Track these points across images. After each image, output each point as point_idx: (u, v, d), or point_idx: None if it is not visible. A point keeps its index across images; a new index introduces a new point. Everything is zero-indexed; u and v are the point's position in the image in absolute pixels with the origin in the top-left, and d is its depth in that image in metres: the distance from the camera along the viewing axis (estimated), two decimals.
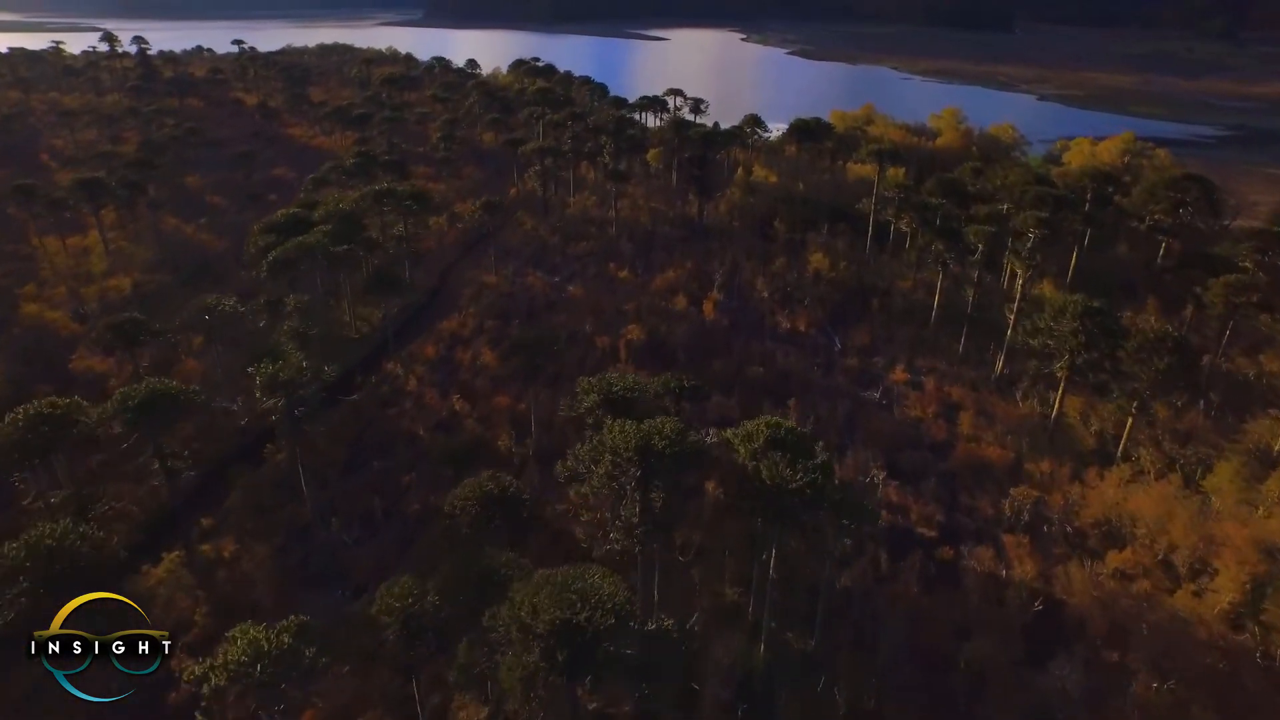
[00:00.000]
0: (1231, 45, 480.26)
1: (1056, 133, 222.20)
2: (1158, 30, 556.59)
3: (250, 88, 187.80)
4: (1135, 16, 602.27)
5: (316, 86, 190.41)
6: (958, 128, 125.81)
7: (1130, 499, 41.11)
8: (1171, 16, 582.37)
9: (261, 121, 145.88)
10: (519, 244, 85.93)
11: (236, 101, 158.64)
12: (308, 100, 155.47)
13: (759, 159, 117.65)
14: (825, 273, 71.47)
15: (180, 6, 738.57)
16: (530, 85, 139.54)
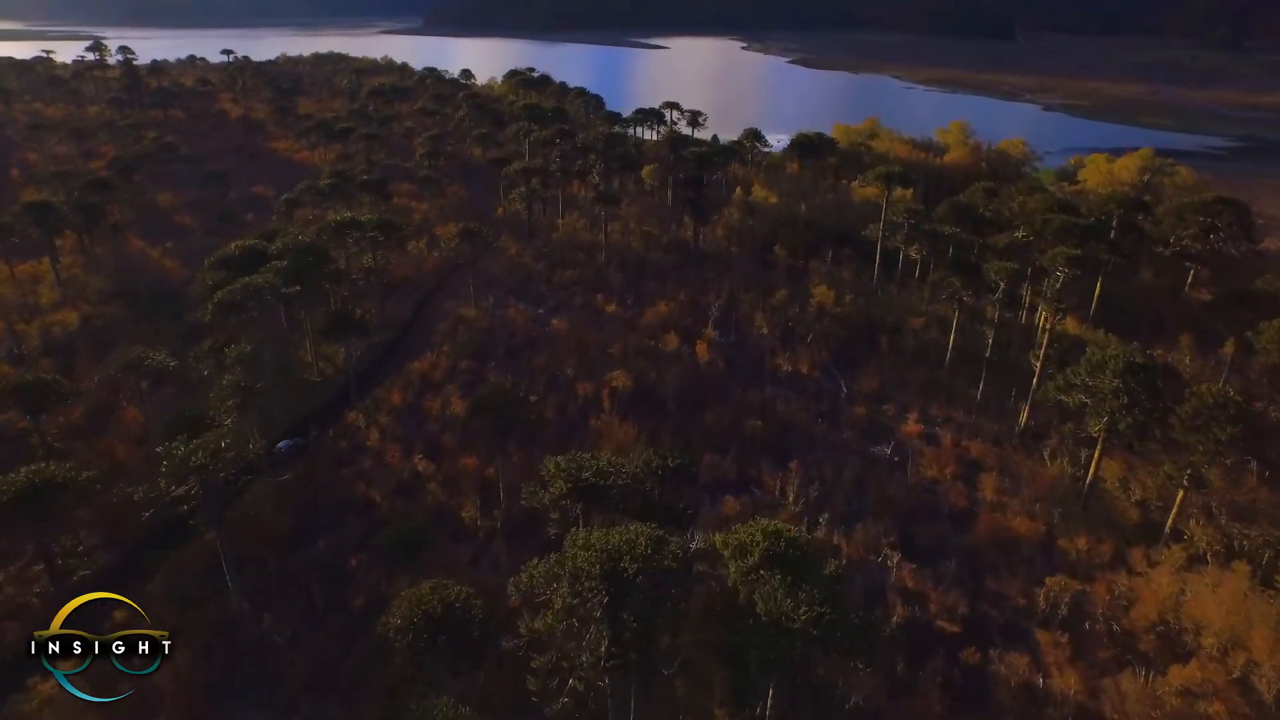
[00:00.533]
0: (1236, 54, 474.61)
1: (1064, 144, 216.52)
2: (1160, 38, 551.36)
3: (239, 98, 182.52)
4: (1137, 25, 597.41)
5: (308, 97, 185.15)
6: (966, 143, 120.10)
7: (1192, 596, 35.05)
8: (1173, 25, 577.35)
9: (244, 135, 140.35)
10: (502, 271, 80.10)
11: (221, 114, 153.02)
12: (294, 112, 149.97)
13: (758, 177, 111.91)
14: (830, 307, 65.53)
15: (183, 14, 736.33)
16: (521, 98, 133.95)
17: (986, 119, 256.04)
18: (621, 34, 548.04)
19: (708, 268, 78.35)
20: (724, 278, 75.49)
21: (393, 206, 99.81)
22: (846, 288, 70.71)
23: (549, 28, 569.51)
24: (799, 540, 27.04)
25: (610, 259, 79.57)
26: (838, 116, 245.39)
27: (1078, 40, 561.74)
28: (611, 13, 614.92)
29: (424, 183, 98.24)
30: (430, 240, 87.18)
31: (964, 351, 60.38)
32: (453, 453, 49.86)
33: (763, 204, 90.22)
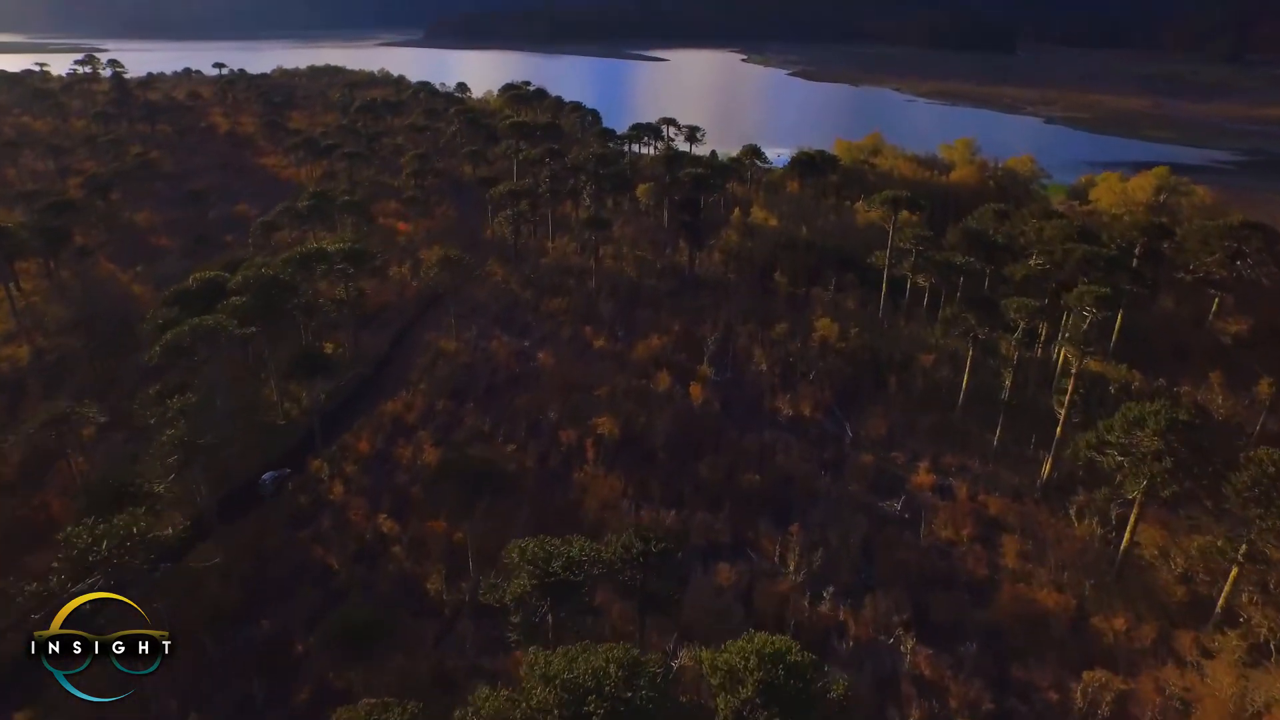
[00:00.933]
0: (1238, 67, 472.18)
1: (1067, 158, 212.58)
2: (1160, 52, 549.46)
3: (230, 112, 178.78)
4: (1137, 38, 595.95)
5: (301, 111, 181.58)
6: (972, 160, 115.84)
7: (1262, 700, 30.31)
8: (1173, 38, 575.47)
9: (230, 151, 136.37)
10: (487, 298, 75.67)
11: (208, 129, 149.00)
12: (284, 127, 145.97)
13: (758, 195, 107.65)
14: (833, 342, 60.94)
15: (185, 27, 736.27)
16: (514, 114, 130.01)
17: (989, 132, 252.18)
18: (621, 46, 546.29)
19: (704, 295, 73.85)
20: (721, 306, 70.99)
21: (377, 228, 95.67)
22: (851, 319, 66.13)
23: (549, 40, 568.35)
24: (802, 667, 22.35)
25: (601, 286, 75.11)
26: (839, 130, 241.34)
27: (1079, 53, 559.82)
28: (611, 25, 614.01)
29: (409, 203, 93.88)
30: (414, 265, 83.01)
31: (978, 391, 55.81)
32: (421, 509, 45.25)
33: (762, 226, 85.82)
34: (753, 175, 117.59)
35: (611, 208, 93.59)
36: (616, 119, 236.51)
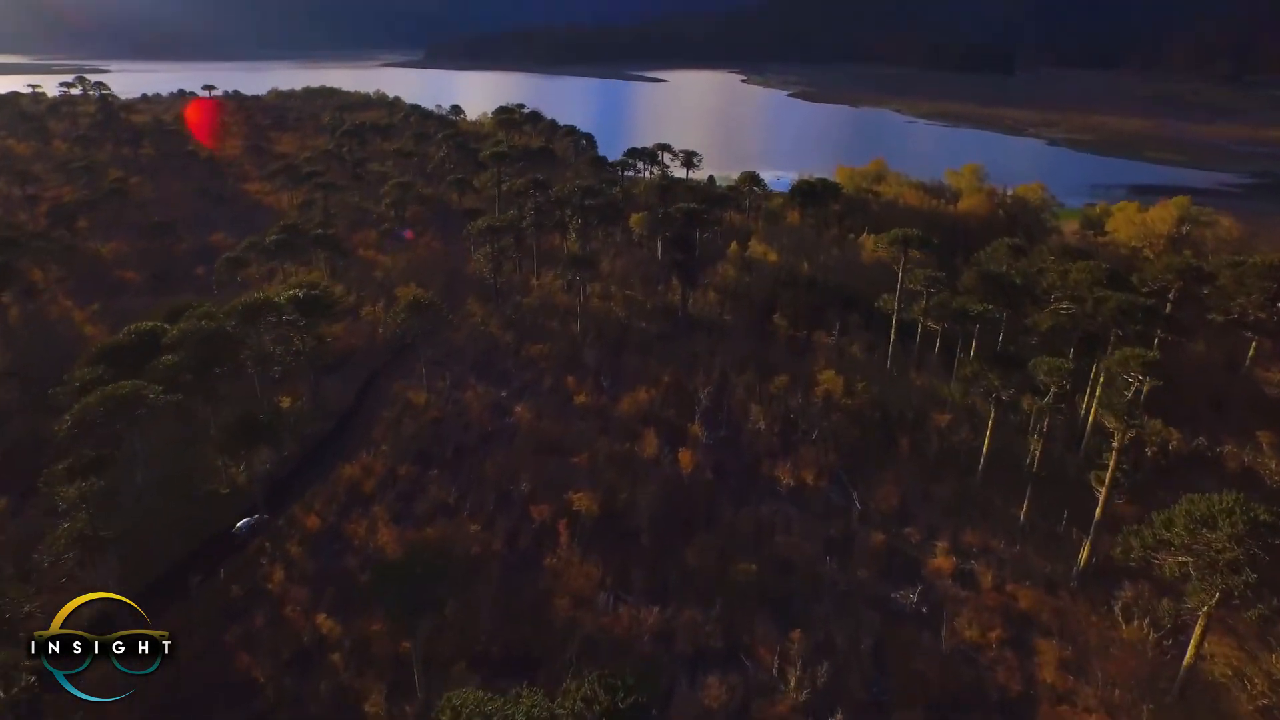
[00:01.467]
0: (1239, 88, 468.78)
1: (1074, 181, 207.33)
2: (1160, 73, 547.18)
3: (222, 135, 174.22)
4: (1136, 59, 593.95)
5: (292, 133, 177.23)
6: (980, 188, 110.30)
7: None
8: (1172, 59, 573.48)
9: (211, 176, 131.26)
10: (464, 341, 69.84)
11: (190, 153, 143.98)
12: (269, 151, 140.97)
13: (757, 225, 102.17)
14: (838, 397, 54.90)
15: (192, 49, 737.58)
16: (505, 138, 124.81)
17: (991, 155, 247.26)
18: (621, 67, 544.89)
19: (697, 338, 67.96)
20: (715, 352, 65.07)
21: (355, 260, 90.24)
22: (856, 369, 60.10)
23: (550, 61, 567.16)
24: None
25: (587, 329, 69.23)
26: (839, 152, 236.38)
27: (1078, 74, 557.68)
28: (612, 46, 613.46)
29: (387, 236, 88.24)
30: (389, 302, 77.29)
31: (1000, 455, 49.70)
32: (369, 605, 39.06)
33: (760, 260, 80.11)
34: (751, 203, 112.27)
35: (602, 239, 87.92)
36: (614, 141, 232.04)
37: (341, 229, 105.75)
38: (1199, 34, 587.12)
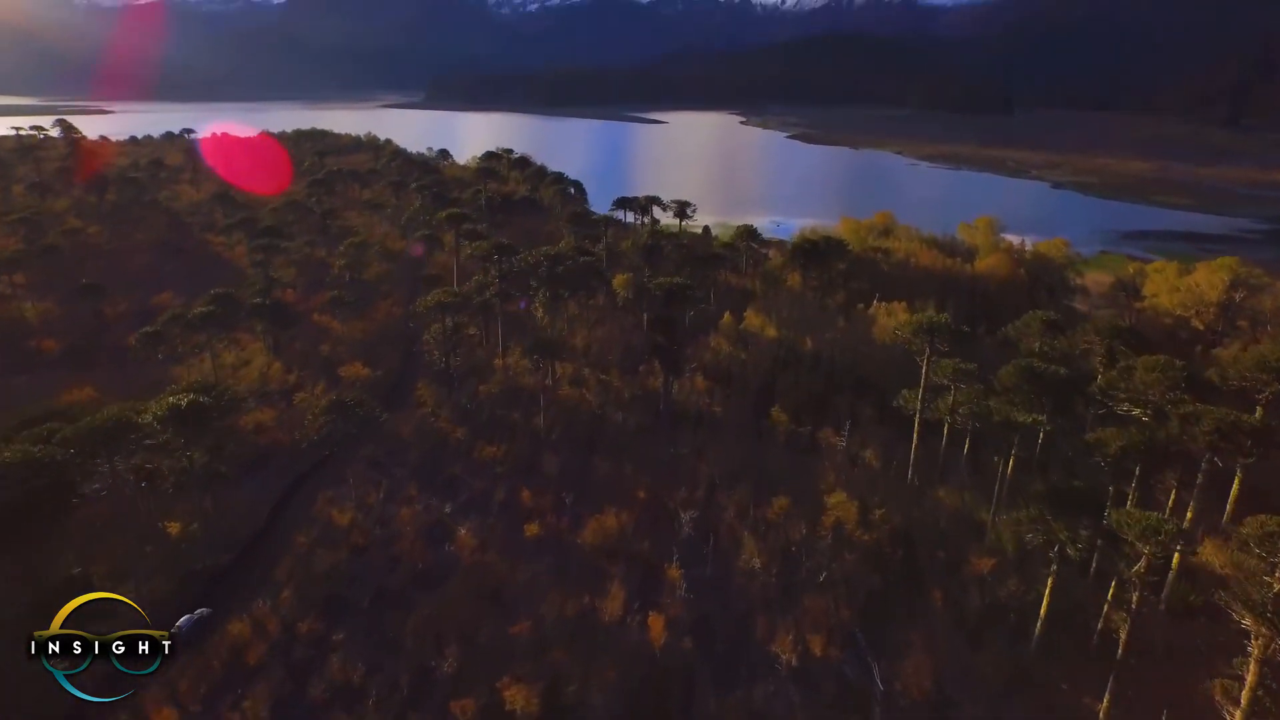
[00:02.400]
0: (1237, 131, 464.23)
1: (1083, 225, 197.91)
2: (1156, 115, 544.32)
3: (196, 181, 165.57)
4: (1132, 101, 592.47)
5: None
6: (998, 244, 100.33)
7: None
8: (1168, 102, 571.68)
9: (173, 226, 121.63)
10: (412, 435, 59.02)
11: (153, 202, 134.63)
12: (235, 200, 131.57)
13: (754, 283, 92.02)
14: (851, 529, 43.85)
15: (197, 89, 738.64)
16: (481, 192, 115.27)
17: (997, 199, 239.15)
18: (621, 108, 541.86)
19: (682, 435, 57.08)
20: (702, 454, 54.16)
21: (306, 328, 79.94)
22: (872, 483, 49.18)
23: (549, 102, 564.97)
24: None
25: (554, 423, 58.40)
26: (841, 196, 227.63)
27: (1074, 115, 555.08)
28: (611, 87, 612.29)
29: (336, 305, 77.83)
30: (330, 384, 66.83)
31: (1064, 617, 38.52)
32: None
33: (757, 334, 69.60)
34: (749, 258, 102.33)
35: (579, 306, 77.50)
36: (609, 185, 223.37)
37: (301, 288, 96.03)
38: (1193, 78, 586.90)
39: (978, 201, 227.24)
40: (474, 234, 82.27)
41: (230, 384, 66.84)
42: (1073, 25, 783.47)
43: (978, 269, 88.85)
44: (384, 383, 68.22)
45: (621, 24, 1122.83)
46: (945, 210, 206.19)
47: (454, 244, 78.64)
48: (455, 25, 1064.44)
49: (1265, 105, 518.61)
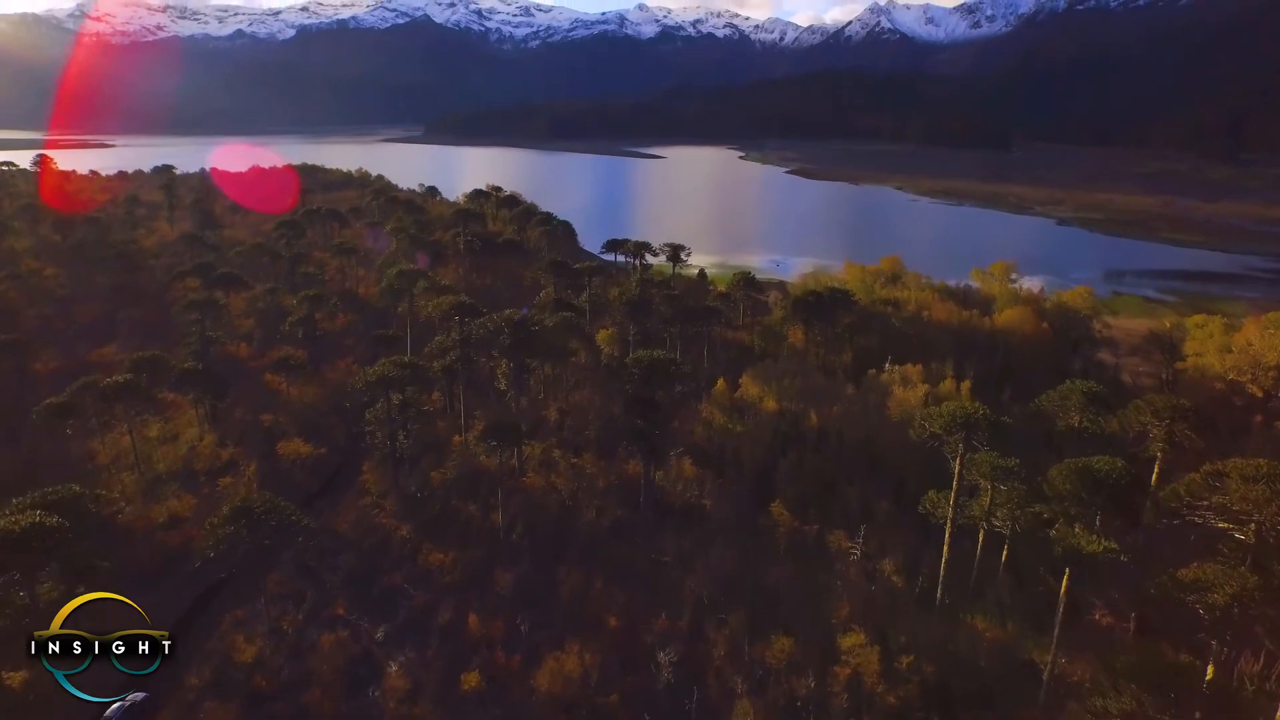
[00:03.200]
0: (1237, 166, 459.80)
1: (1091, 263, 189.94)
2: (1154, 150, 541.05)
3: (176, 220, 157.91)
4: (1130, 137, 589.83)
5: (257, 214, 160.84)
6: (1017, 292, 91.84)
7: None
8: (1166, 136, 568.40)
9: (128, 269, 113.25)
10: (350, 532, 49.95)
11: (121, 242, 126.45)
12: (203, 241, 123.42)
13: (752, 337, 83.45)
14: (872, 685, 34.49)
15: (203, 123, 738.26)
16: (463, 232, 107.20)
17: (1001, 236, 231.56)
18: (619, 143, 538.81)
19: (665, 536, 47.82)
20: (690, 564, 44.90)
21: (252, 389, 71.13)
22: (895, 608, 39.87)
23: (549, 136, 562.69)
24: None
25: (515, 519, 49.22)
26: (842, 234, 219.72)
27: (1073, 150, 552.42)
28: (611, 122, 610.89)
29: (284, 367, 68.87)
30: (264, 460, 57.88)
31: None
32: None
33: (754, 404, 60.66)
34: (746, 306, 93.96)
35: (555, 368, 68.61)
36: (603, 223, 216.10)
37: (258, 341, 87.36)
38: (1190, 112, 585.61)
39: (982, 239, 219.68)
40: (439, 287, 73.73)
41: (151, 461, 58.23)
42: (1068, 62, 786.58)
43: (997, 323, 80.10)
44: (327, 462, 59.17)
45: (622, 60, 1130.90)
46: (950, 249, 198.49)
47: (408, 305, 69.58)
48: (457, 61, 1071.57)
49: (1263, 140, 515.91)
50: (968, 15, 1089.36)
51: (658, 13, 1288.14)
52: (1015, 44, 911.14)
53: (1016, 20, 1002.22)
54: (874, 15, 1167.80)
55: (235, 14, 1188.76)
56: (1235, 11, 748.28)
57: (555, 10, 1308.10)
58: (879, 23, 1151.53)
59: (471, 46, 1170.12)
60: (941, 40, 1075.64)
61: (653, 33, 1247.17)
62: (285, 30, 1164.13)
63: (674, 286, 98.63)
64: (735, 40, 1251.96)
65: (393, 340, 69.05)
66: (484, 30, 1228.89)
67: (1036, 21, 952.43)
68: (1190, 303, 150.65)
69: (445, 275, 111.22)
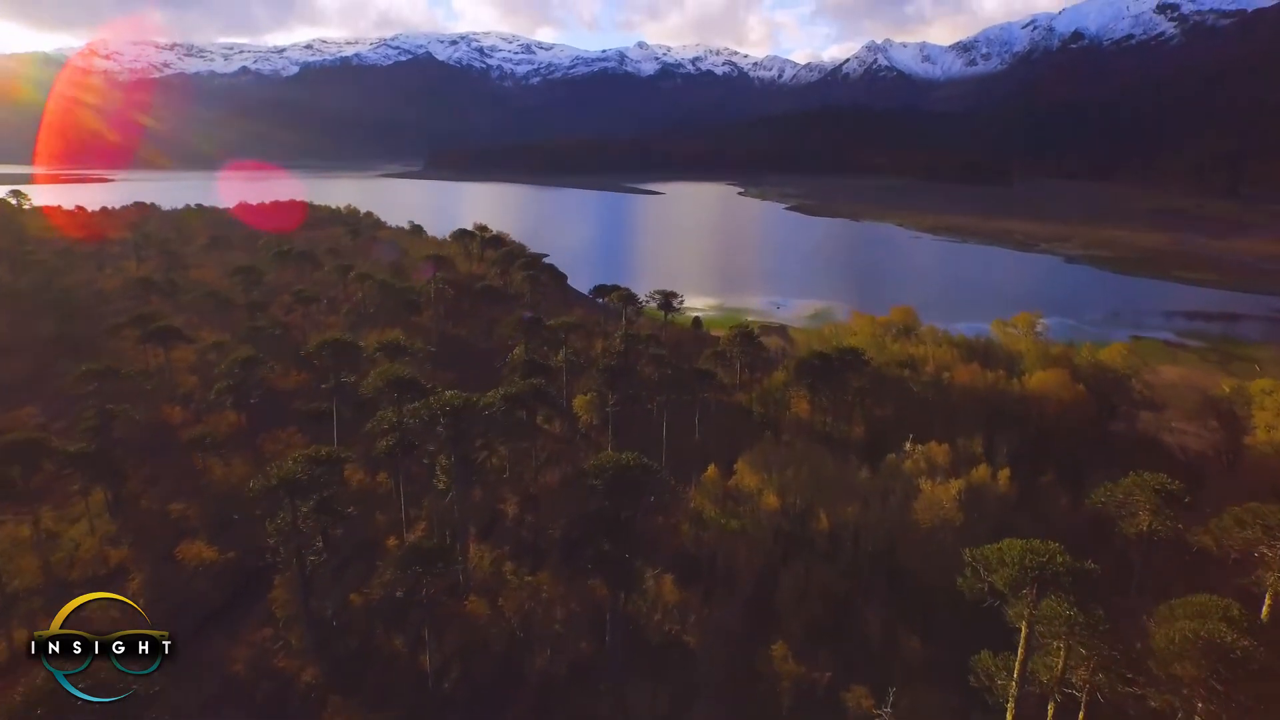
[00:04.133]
0: (1240, 202, 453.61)
1: (1104, 303, 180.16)
2: (1155, 186, 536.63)
3: (145, 259, 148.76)
4: (1130, 172, 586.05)
5: (235, 252, 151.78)
6: (1045, 350, 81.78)
7: None
8: (1165, 172, 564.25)
9: (68, 318, 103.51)
10: (245, 673, 39.33)
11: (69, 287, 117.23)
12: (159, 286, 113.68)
13: (749, 397, 73.42)
14: None
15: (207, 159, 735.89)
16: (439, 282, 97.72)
17: (1009, 275, 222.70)
18: (619, 179, 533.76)
19: (635, 686, 37.15)
20: None
21: (174, 471, 60.90)
22: None
23: (548, 172, 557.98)
24: None
25: (449, 660, 38.58)
26: (846, 273, 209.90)
27: (1074, 186, 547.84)
28: (610, 158, 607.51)
29: (198, 446, 58.52)
30: (159, 570, 47.41)
31: None
32: None
33: (751, 495, 50.34)
34: (744, 364, 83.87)
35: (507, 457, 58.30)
36: (597, 261, 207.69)
37: (195, 406, 77.21)
38: (1191, 149, 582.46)
39: (990, 278, 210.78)
40: (395, 347, 63.73)
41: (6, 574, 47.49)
42: (1064, 98, 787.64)
43: (1029, 388, 69.82)
44: (236, 567, 48.58)
45: (622, 96, 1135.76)
46: (959, 290, 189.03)
47: (335, 379, 59.05)
48: (459, 97, 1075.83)
49: (1263, 176, 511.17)
50: (963, 53, 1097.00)
51: (658, 50, 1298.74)
52: (1011, 81, 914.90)
53: (1011, 58, 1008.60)
54: (871, 53, 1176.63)
55: (241, 51, 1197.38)
56: (1225, 51, 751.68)
57: (557, 48, 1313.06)
58: (876, 60, 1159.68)
59: (473, 83, 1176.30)
60: (938, 77, 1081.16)
61: (653, 70, 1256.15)
62: (289, 67, 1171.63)
63: (663, 341, 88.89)
64: (734, 77, 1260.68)
65: (322, 417, 58.84)
66: (485, 67, 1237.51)
67: (1031, 60, 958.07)
68: (1215, 348, 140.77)
69: (421, 322, 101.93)
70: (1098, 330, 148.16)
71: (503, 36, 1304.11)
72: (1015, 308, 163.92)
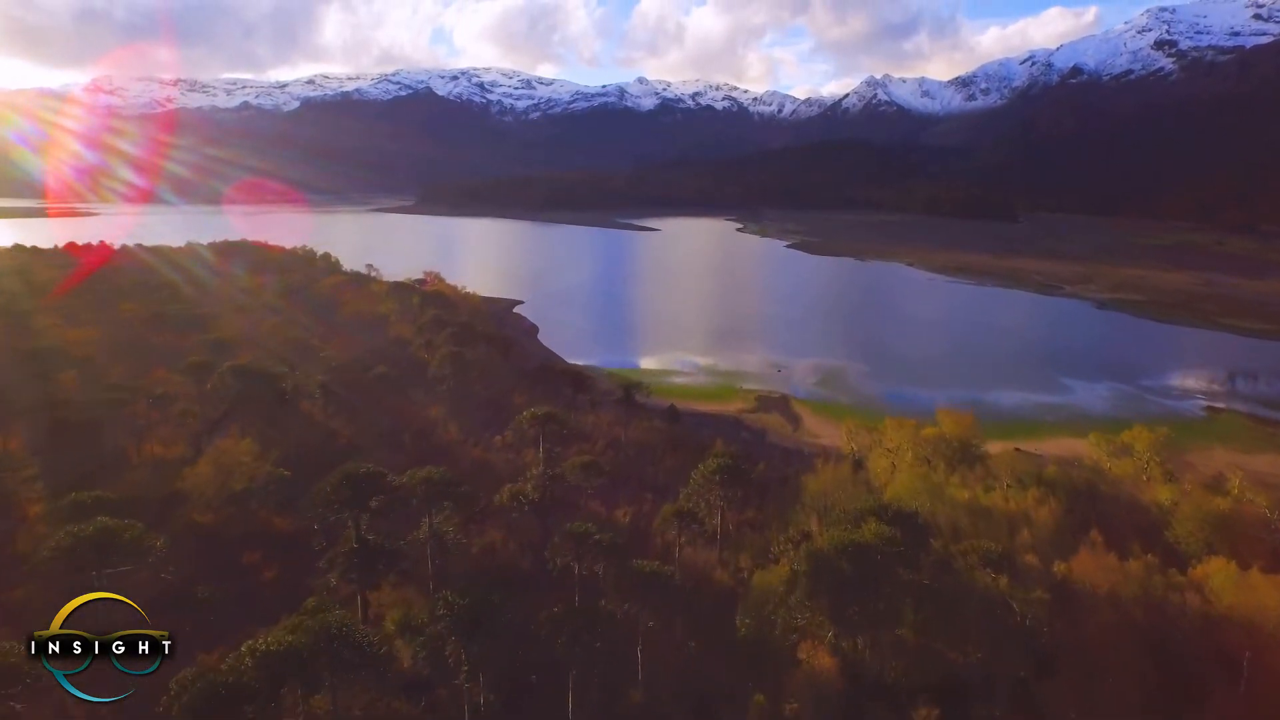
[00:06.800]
0: (1258, 239, 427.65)
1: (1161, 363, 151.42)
2: (1160, 221, 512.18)
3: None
4: (1133, 207, 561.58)
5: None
6: (1199, 502, 53.14)
7: None
8: (1172, 207, 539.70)
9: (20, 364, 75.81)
10: None
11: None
12: None
13: (743, 628, 44.89)
14: None
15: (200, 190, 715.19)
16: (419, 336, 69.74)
17: (1042, 324, 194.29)
18: (614, 214, 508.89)
19: None
20: None
21: None
22: None
23: (543, 207, 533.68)
24: None
25: None
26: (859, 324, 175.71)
27: (1079, 221, 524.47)
28: (606, 193, 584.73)
29: None
30: None
31: None
32: None
33: None
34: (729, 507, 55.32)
35: None
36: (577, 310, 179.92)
37: None
38: (1196, 184, 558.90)
39: (1024, 330, 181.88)
40: None
41: None
42: (1065, 133, 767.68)
43: (1212, 604, 40.25)
44: None
45: (622, 131, 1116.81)
46: (991, 343, 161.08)
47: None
48: (458, 132, 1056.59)
49: (1273, 211, 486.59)
50: (963, 88, 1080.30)
51: (657, 85, 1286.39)
52: (1010, 116, 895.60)
53: (1010, 93, 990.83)
54: (870, 88, 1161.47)
55: (243, 86, 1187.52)
56: (1226, 88, 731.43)
57: (556, 83, 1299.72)
58: (875, 95, 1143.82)
59: (473, 118, 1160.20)
60: (938, 112, 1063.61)
61: (652, 105, 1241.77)
62: (290, 102, 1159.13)
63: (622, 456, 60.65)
64: (734, 112, 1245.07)
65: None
66: (485, 103, 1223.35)
67: (1030, 95, 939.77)
68: None
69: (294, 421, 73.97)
70: (1162, 402, 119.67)
71: (503, 72, 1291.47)
72: (1065, 371, 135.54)
